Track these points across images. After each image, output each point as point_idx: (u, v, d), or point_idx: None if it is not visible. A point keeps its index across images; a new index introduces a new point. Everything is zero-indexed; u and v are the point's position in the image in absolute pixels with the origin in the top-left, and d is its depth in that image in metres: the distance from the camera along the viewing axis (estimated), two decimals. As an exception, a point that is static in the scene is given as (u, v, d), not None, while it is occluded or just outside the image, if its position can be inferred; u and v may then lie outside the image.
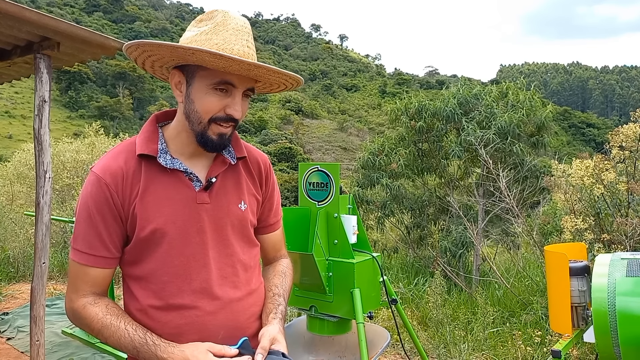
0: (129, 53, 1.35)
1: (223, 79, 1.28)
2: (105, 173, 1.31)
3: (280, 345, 1.31)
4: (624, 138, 4.29)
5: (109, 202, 1.30)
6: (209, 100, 1.30)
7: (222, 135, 1.33)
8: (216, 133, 1.32)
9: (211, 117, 1.30)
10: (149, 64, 1.39)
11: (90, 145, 11.27)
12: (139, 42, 1.28)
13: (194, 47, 1.22)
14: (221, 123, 1.31)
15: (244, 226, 1.44)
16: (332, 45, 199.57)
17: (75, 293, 1.33)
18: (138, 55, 1.35)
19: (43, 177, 3.90)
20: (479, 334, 4.46)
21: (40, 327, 3.92)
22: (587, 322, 2.24)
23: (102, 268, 1.33)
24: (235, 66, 1.24)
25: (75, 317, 1.34)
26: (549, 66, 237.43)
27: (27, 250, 7.52)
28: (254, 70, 1.28)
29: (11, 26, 3.52)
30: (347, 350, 2.82)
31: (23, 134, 65.16)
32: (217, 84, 1.29)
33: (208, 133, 1.32)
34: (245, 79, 1.32)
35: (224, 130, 1.33)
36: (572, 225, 4.27)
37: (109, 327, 1.28)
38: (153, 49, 1.29)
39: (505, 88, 9.25)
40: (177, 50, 1.25)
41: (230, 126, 1.34)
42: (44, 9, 70.37)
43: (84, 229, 1.32)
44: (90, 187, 1.32)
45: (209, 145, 1.33)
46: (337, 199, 2.72)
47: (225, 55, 1.20)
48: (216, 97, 1.30)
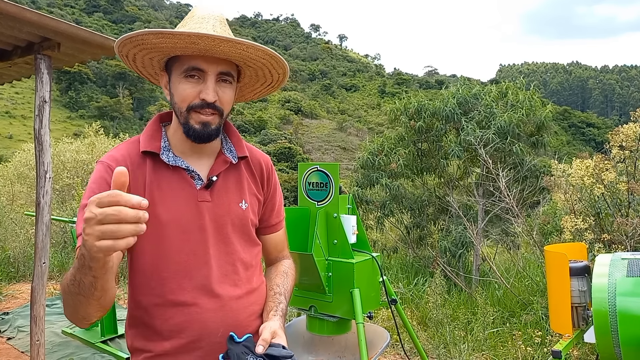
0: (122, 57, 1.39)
1: (190, 64, 1.30)
2: (112, 160, 1.33)
3: (280, 340, 1.31)
4: (624, 138, 4.29)
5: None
6: (182, 88, 1.31)
7: (205, 123, 1.32)
8: (198, 122, 1.32)
9: (188, 105, 1.31)
10: (140, 65, 1.42)
11: (90, 145, 11.28)
12: (118, 42, 1.31)
13: (139, 32, 1.25)
14: (200, 110, 1.31)
15: (244, 225, 1.45)
16: (332, 45, 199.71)
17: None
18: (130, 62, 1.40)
19: (43, 177, 3.90)
20: (479, 334, 4.46)
21: (40, 327, 3.92)
22: (587, 323, 2.24)
23: None
24: (181, 43, 1.25)
25: (62, 293, 1.17)
26: (549, 66, 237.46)
27: (27, 250, 7.52)
28: (221, 47, 1.26)
29: (12, 27, 3.53)
30: (347, 351, 2.82)
31: (23, 134, 65.17)
32: (186, 70, 1.31)
33: (190, 122, 1.32)
34: (215, 62, 1.32)
35: (205, 119, 1.32)
36: (572, 225, 4.27)
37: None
38: (127, 46, 1.32)
39: (504, 88, 9.24)
40: (133, 39, 1.28)
41: (213, 114, 1.33)
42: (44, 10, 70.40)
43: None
44: (97, 173, 1.32)
45: (192, 134, 1.33)
46: (337, 199, 2.72)
47: (165, 31, 1.23)
48: (189, 85, 1.31)
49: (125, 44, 1.32)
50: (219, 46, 1.27)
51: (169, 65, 1.36)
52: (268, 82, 1.51)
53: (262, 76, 1.48)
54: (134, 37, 1.28)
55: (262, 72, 1.45)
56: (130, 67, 1.46)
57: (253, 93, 1.58)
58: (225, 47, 1.27)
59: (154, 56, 1.37)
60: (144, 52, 1.35)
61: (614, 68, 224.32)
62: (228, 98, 1.36)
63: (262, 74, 1.46)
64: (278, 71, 1.45)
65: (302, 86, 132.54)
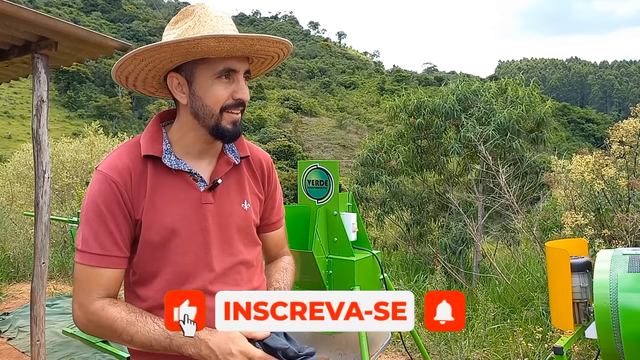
0: (120, 74, 1.35)
1: (225, 66, 1.29)
2: (113, 171, 1.30)
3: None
4: (624, 133, 4.28)
5: (119, 200, 1.29)
6: (216, 90, 1.30)
7: (235, 122, 1.34)
8: (230, 122, 1.33)
9: (222, 106, 1.31)
10: (141, 78, 1.38)
11: (90, 144, 11.26)
12: (137, 51, 1.26)
13: (198, 36, 1.22)
14: (232, 110, 1.32)
15: (247, 225, 1.45)
16: (331, 43, 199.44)
17: (88, 298, 1.28)
18: (130, 72, 1.34)
19: (42, 177, 3.89)
20: (480, 330, 4.46)
21: (40, 327, 3.91)
22: (588, 319, 2.24)
23: (115, 268, 1.30)
24: (239, 45, 1.25)
25: (91, 322, 1.28)
26: (548, 62, 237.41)
27: (27, 250, 7.52)
28: (256, 45, 1.29)
29: (8, 26, 3.51)
30: (348, 348, 2.82)
31: (22, 134, 65.01)
32: (220, 72, 1.29)
33: (222, 124, 1.32)
34: (243, 61, 1.33)
35: (235, 117, 1.34)
36: (573, 221, 4.27)
37: (136, 323, 1.24)
38: (153, 53, 1.27)
39: (504, 84, 9.23)
40: (181, 45, 1.23)
41: (240, 111, 1.35)
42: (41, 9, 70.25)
43: (94, 229, 1.28)
44: (97, 185, 1.30)
45: (226, 135, 1.34)
46: (337, 197, 2.72)
47: (229, 35, 1.23)
48: (222, 86, 1.31)
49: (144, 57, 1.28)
50: (259, 42, 1.30)
51: (188, 66, 1.31)
52: (267, 65, 1.51)
53: (266, 63, 1.48)
54: (192, 42, 1.22)
55: (270, 59, 1.45)
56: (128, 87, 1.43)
57: (255, 74, 1.56)
58: (262, 44, 1.31)
59: (165, 64, 1.31)
60: (156, 62, 1.30)
61: (613, 64, 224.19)
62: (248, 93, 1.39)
63: (268, 62, 1.47)
64: (284, 51, 1.45)
65: (301, 84, 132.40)
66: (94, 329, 1.29)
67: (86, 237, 1.29)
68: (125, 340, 1.25)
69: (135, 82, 1.42)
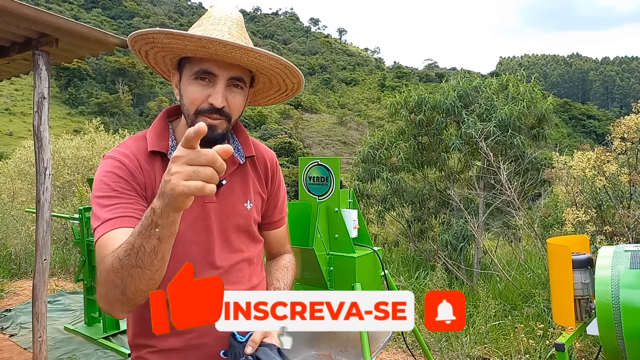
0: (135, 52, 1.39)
1: (201, 67, 1.27)
2: (122, 156, 1.30)
3: (273, 339, 1.30)
4: (625, 129, 4.26)
5: (129, 176, 1.26)
6: (191, 91, 1.28)
7: (211, 126, 1.26)
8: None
9: (196, 109, 1.28)
10: (153, 61, 1.41)
11: (91, 141, 11.28)
12: (131, 37, 1.30)
13: (151, 30, 1.24)
14: (207, 115, 1.27)
15: (248, 224, 1.45)
16: (331, 39, 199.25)
17: (102, 262, 1.13)
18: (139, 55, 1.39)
19: (43, 173, 3.89)
20: (481, 327, 4.46)
21: (42, 324, 3.92)
22: (590, 315, 2.23)
23: (131, 227, 1.16)
24: (191, 46, 1.23)
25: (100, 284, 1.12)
26: (549, 58, 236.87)
27: (28, 247, 7.53)
28: (218, 49, 1.22)
29: (9, 22, 3.51)
30: (349, 345, 2.82)
31: (23, 131, 65.08)
32: (196, 73, 1.27)
33: None
34: (227, 67, 1.28)
35: (211, 122, 1.27)
36: (574, 217, 4.26)
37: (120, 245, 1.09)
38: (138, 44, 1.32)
39: (505, 80, 9.21)
40: (145, 38, 1.28)
41: (219, 119, 1.28)
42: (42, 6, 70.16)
43: (102, 205, 1.21)
44: (107, 166, 1.27)
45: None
46: (338, 193, 2.72)
47: (176, 32, 1.20)
48: (198, 88, 1.27)
49: (137, 40, 1.30)
50: (230, 52, 1.23)
51: (181, 64, 1.33)
52: (282, 90, 1.48)
53: (276, 84, 1.44)
54: (145, 35, 1.27)
55: (276, 79, 1.42)
56: (145, 62, 1.44)
57: (267, 99, 1.55)
58: (236, 53, 1.24)
59: (165, 54, 1.35)
60: (155, 49, 1.33)
61: (614, 60, 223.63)
62: (238, 104, 1.32)
63: (276, 82, 1.43)
64: (292, 80, 1.42)
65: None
66: (106, 284, 1.10)
67: (97, 212, 1.21)
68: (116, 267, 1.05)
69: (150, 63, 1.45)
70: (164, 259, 1.08)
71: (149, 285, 1.09)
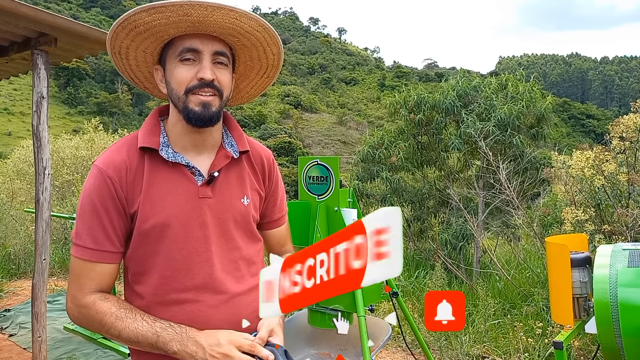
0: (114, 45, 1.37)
1: (185, 45, 1.28)
2: (109, 166, 1.30)
3: (277, 338, 1.31)
4: (624, 129, 4.27)
5: (113, 196, 1.28)
6: (179, 72, 1.29)
7: (205, 104, 1.29)
8: (197, 103, 1.29)
9: (186, 88, 1.28)
10: (134, 63, 1.40)
11: (90, 141, 11.27)
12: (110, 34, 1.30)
13: (130, 12, 1.24)
14: (198, 91, 1.28)
15: (246, 221, 1.43)
16: (331, 39, 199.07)
17: (81, 291, 1.28)
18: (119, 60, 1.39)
19: (42, 173, 3.89)
20: (480, 325, 4.47)
21: (42, 324, 3.92)
22: (588, 314, 2.24)
23: (108, 263, 1.30)
24: (174, 17, 1.22)
25: (82, 315, 1.29)
26: (548, 57, 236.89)
27: (27, 247, 7.52)
28: (200, 15, 1.22)
29: (8, 22, 3.51)
30: (349, 344, 2.82)
31: (22, 131, 65.02)
32: (180, 53, 1.28)
33: (190, 106, 1.29)
34: (210, 40, 1.29)
35: (204, 99, 1.29)
36: (573, 216, 4.27)
37: (125, 318, 1.25)
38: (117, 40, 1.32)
39: (504, 80, 9.21)
40: (126, 23, 1.27)
41: (212, 95, 1.30)
42: (41, 5, 70.12)
43: (87, 224, 1.28)
44: (93, 180, 1.30)
45: (192, 117, 1.29)
46: (337, 193, 2.72)
47: (157, 4, 1.20)
48: (185, 68, 1.29)
49: (118, 33, 1.29)
50: (212, 15, 1.23)
51: (163, 57, 1.35)
52: (263, 68, 1.47)
53: (257, 59, 1.44)
54: (127, 19, 1.25)
55: (257, 52, 1.41)
56: (123, 70, 1.43)
57: (250, 86, 1.55)
58: (218, 15, 1.24)
59: (148, 45, 1.33)
60: (137, 40, 1.31)
61: (613, 59, 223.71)
62: (226, 79, 1.33)
63: (257, 56, 1.43)
64: (272, 50, 1.41)
65: (302, 80, 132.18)
66: (85, 322, 1.30)
67: (80, 231, 1.29)
68: (114, 334, 1.26)
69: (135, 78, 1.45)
70: None
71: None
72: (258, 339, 1.27)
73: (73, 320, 1.32)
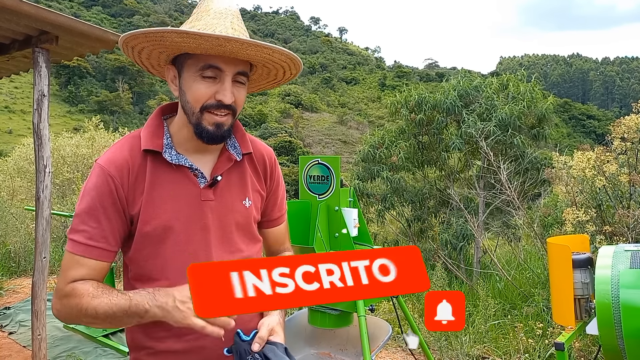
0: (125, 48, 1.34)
1: (207, 62, 1.24)
2: (111, 165, 1.29)
3: (278, 337, 1.30)
4: (625, 129, 4.26)
5: (113, 195, 1.27)
6: (197, 88, 1.26)
7: (219, 125, 1.28)
8: (212, 123, 1.27)
9: (202, 105, 1.27)
10: (145, 57, 1.37)
11: (90, 139, 11.26)
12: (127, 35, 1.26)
13: (162, 29, 1.20)
14: (214, 111, 1.27)
15: (248, 223, 1.43)
16: (332, 38, 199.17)
17: (63, 282, 1.25)
18: (130, 52, 1.34)
19: (43, 171, 3.89)
20: (480, 326, 4.46)
21: (41, 322, 3.92)
22: (590, 315, 2.23)
23: (99, 260, 1.27)
24: (206, 44, 1.19)
25: (63, 306, 1.24)
26: (549, 58, 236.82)
27: (28, 244, 7.52)
28: (234, 47, 1.21)
29: (9, 20, 3.50)
30: (349, 343, 2.82)
31: (23, 129, 65.01)
32: (202, 69, 1.25)
33: (203, 123, 1.28)
34: (233, 62, 1.27)
35: (219, 120, 1.28)
36: (574, 217, 4.26)
37: (100, 295, 1.20)
38: (132, 39, 1.27)
39: (505, 80, 9.22)
40: (149, 36, 1.23)
41: (227, 114, 1.29)
42: (42, 3, 70.15)
43: (83, 220, 1.26)
44: (94, 178, 1.29)
45: (205, 136, 1.29)
46: (338, 192, 2.71)
47: (192, 32, 1.16)
48: (204, 84, 1.26)
49: (138, 38, 1.26)
50: (246, 50, 1.22)
51: (180, 59, 1.30)
52: (278, 79, 1.47)
53: (274, 75, 1.44)
54: (152, 34, 1.22)
55: (276, 70, 1.41)
56: (131, 58, 1.40)
57: (257, 88, 1.54)
58: (252, 51, 1.23)
59: (166, 51, 1.31)
60: (159, 48, 1.28)
61: (614, 60, 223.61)
62: (242, 98, 1.32)
63: (274, 73, 1.42)
64: (292, 71, 1.41)
65: (302, 79, 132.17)
66: (67, 312, 1.25)
67: (75, 226, 1.27)
68: (91, 315, 1.20)
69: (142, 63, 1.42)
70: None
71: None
72: (258, 338, 1.26)
73: (56, 315, 1.27)
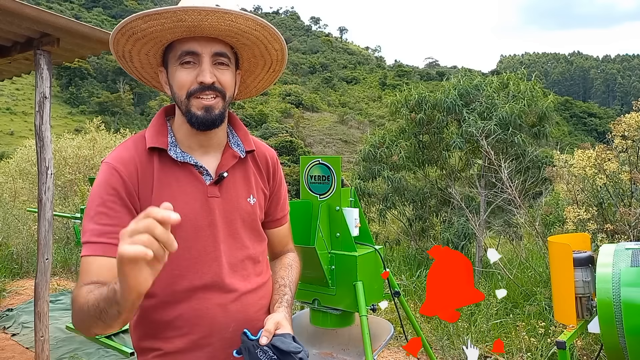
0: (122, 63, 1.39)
1: (183, 49, 1.28)
2: (118, 162, 1.29)
3: (285, 329, 1.30)
4: (626, 127, 4.26)
5: (122, 188, 1.27)
6: (179, 76, 1.29)
7: (207, 108, 1.29)
8: (200, 107, 1.29)
9: (187, 92, 1.29)
10: (139, 66, 1.41)
11: (92, 140, 11.28)
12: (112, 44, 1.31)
13: (127, 19, 1.24)
14: (199, 95, 1.28)
15: (253, 220, 1.44)
16: (332, 38, 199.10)
17: (77, 288, 1.20)
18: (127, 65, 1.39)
19: (45, 173, 3.90)
20: (482, 325, 4.47)
21: (44, 323, 3.93)
22: (591, 313, 2.24)
23: (104, 256, 1.21)
24: (169, 23, 1.22)
25: (74, 311, 1.18)
26: (550, 56, 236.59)
27: (30, 246, 7.54)
28: (194, 20, 1.22)
29: (10, 22, 3.51)
30: (351, 343, 2.82)
31: (25, 131, 65.08)
32: (180, 57, 1.28)
33: (192, 110, 1.29)
34: (208, 42, 1.29)
35: (207, 103, 1.29)
36: (575, 215, 4.26)
37: (95, 290, 1.12)
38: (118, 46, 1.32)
39: (506, 79, 9.20)
40: (125, 29, 1.27)
41: (215, 97, 1.30)
42: (43, 5, 70.23)
43: (94, 220, 1.24)
44: (101, 176, 1.29)
45: (195, 121, 1.30)
46: (339, 192, 2.71)
47: (150, 12, 1.20)
48: (185, 71, 1.29)
49: (118, 39, 1.30)
50: (206, 19, 1.23)
51: (165, 59, 1.35)
52: (267, 63, 1.47)
53: (260, 55, 1.43)
54: (125, 27, 1.26)
55: (259, 49, 1.40)
56: (130, 72, 1.44)
57: (257, 81, 1.54)
58: (212, 19, 1.23)
59: (149, 49, 1.34)
60: (138, 45, 1.32)
61: (615, 58, 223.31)
62: (227, 79, 1.32)
63: (260, 53, 1.42)
64: (274, 46, 1.40)
65: (303, 79, 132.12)
66: (78, 317, 1.16)
67: (87, 228, 1.25)
68: (88, 311, 1.11)
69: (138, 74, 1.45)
70: (126, 320, 1.08)
71: (111, 330, 1.14)
72: (265, 331, 1.27)
73: (74, 323, 1.21)
